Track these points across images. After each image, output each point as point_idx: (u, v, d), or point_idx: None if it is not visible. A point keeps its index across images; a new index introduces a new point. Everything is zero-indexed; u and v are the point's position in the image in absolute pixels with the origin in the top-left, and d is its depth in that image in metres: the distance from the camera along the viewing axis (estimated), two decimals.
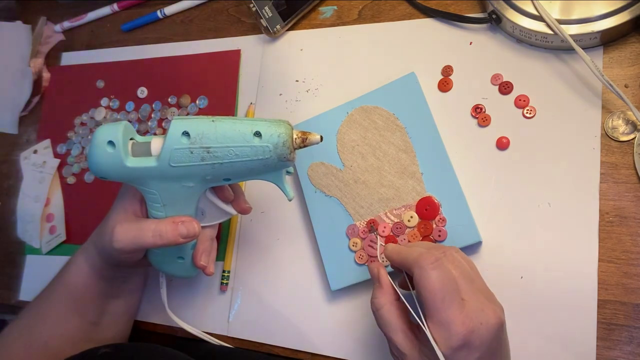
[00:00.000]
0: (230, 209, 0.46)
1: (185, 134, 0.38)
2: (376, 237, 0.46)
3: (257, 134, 0.38)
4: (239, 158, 0.39)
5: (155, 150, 0.40)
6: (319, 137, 0.40)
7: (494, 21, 0.48)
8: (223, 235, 0.56)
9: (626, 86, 0.44)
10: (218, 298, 0.54)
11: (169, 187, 0.41)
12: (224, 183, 0.42)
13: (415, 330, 0.37)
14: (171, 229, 0.41)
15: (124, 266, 0.47)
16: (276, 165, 0.40)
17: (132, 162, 0.40)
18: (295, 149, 0.40)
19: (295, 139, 0.39)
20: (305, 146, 0.40)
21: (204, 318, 0.54)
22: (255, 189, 0.56)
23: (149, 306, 0.57)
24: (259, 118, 0.41)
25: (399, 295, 0.38)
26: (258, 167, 0.40)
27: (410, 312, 0.36)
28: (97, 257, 0.46)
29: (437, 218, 0.45)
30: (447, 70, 0.50)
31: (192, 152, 0.39)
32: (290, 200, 0.43)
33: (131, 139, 0.42)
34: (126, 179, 0.42)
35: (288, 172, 0.44)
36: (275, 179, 0.42)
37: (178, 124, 0.39)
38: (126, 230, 0.42)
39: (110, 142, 0.40)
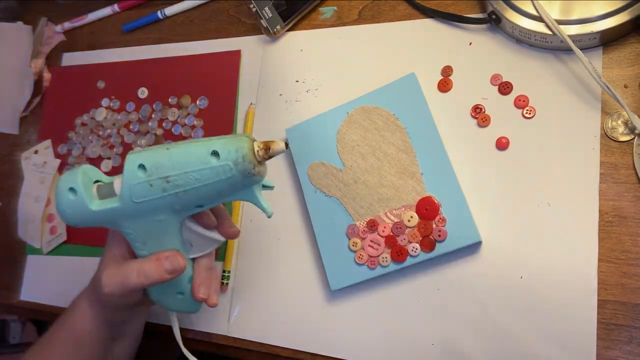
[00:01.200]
0: (216, 235, 0.44)
1: (141, 167, 0.37)
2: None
3: (215, 154, 0.36)
4: (201, 182, 0.37)
5: (118, 190, 0.40)
6: (282, 144, 0.37)
7: (494, 21, 0.48)
8: None
9: (626, 86, 0.44)
10: (218, 298, 0.54)
11: (142, 224, 0.40)
12: (197, 210, 0.40)
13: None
14: (155, 266, 0.41)
15: (126, 309, 0.46)
16: (244, 182, 0.37)
17: (97, 206, 0.40)
18: (260, 161, 0.37)
19: (258, 151, 0.37)
20: (270, 157, 0.37)
21: (205, 318, 0.54)
22: None
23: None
24: (219, 137, 0.38)
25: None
26: (225, 188, 0.37)
27: None
28: (98, 302, 0.45)
29: (437, 218, 0.45)
30: (446, 71, 0.50)
31: (151, 185, 0.37)
32: (269, 217, 0.40)
33: (97, 181, 0.41)
34: (98, 223, 0.41)
35: (266, 187, 0.42)
36: (249, 197, 0.39)
37: (132, 159, 0.38)
38: (112, 275, 0.41)
39: (72, 189, 0.39)
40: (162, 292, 0.45)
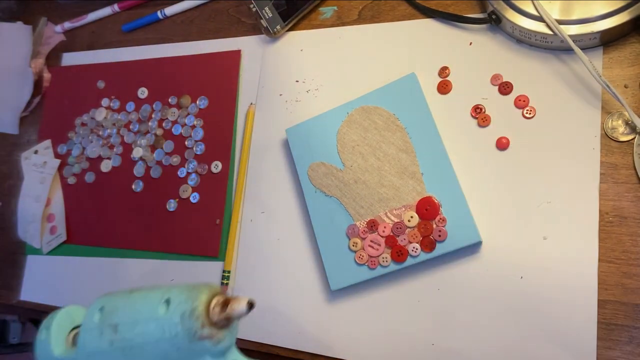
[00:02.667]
0: None
1: (101, 310, 0.32)
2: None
3: (167, 302, 0.29)
4: (144, 339, 0.29)
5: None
6: (244, 304, 0.28)
7: (494, 21, 0.48)
8: (223, 235, 0.56)
9: (626, 86, 0.44)
10: None
11: None
12: None
13: None
14: None
15: None
16: (190, 348, 0.28)
17: (60, 353, 0.34)
18: (214, 322, 0.29)
19: (213, 307, 0.29)
20: (227, 319, 0.29)
21: None
22: (254, 189, 0.56)
23: None
24: (179, 285, 0.31)
25: None
26: (172, 353, 0.29)
27: None
28: None
29: (437, 218, 0.45)
30: (446, 71, 0.50)
31: (101, 333, 0.31)
32: None
33: (77, 327, 0.35)
34: None
35: None
36: None
37: (100, 298, 0.33)
38: None
39: (45, 329, 0.35)
40: None
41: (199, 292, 0.29)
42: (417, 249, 0.45)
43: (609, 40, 0.44)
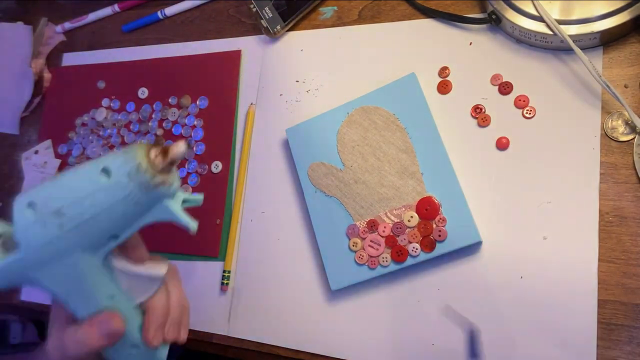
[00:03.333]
0: (153, 270, 0.37)
1: (30, 205, 0.32)
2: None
3: (105, 171, 0.31)
4: (98, 207, 0.31)
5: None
6: (182, 144, 0.32)
7: (494, 21, 0.48)
8: (223, 235, 0.56)
9: (626, 86, 0.44)
10: (219, 298, 0.54)
11: (55, 274, 0.34)
12: (114, 243, 0.34)
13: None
14: (89, 333, 0.35)
15: None
16: (148, 197, 0.32)
17: None
18: (160, 170, 0.31)
19: (154, 158, 0.31)
20: (172, 163, 0.32)
21: (205, 318, 0.54)
22: (254, 189, 0.56)
23: None
24: (114, 152, 0.33)
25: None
26: (129, 209, 0.32)
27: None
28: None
29: (437, 218, 0.45)
30: (446, 71, 0.50)
31: (45, 224, 0.31)
32: (193, 233, 0.35)
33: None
34: (9, 282, 0.35)
35: (187, 202, 0.36)
36: (164, 214, 0.33)
37: (19, 199, 0.32)
38: (55, 347, 0.37)
39: None
40: (114, 350, 0.38)
41: (134, 151, 0.31)
42: (417, 249, 0.45)
43: (609, 40, 0.44)
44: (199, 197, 0.37)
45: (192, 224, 0.34)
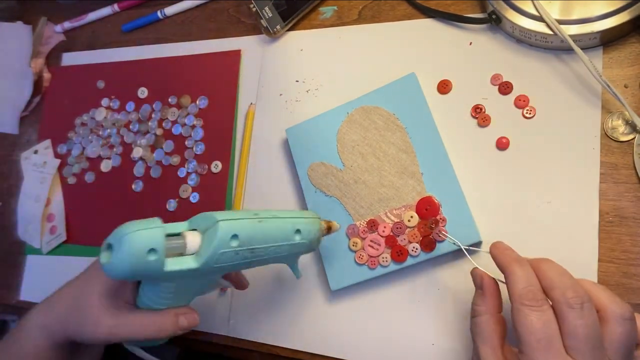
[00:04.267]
0: (224, 281, 0.43)
1: (234, 237, 0.36)
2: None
3: (298, 232, 0.40)
4: (277, 253, 0.39)
5: (192, 249, 0.36)
6: (339, 225, 0.45)
7: (494, 21, 0.48)
8: None
9: (626, 86, 0.44)
10: (219, 298, 0.54)
11: (195, 281, 0.39)
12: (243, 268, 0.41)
13: (507, 352, 0.34)
14: (172, 322, 0.38)
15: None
16: (301, 253, 0.42)
17: (171, 266, 0.35)
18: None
19: (323, 230, 0.42)
20: (327, 234, 0.43)
21: (205, 318, 0.54)
22: (254, 188, 0.56)
23: None
24: (294, 212, 0.42)
25: (501, 308, 0.37)
26: (287, 257, 0.41)
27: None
28: (63, 335, 0.40)
29: (437, 218, 0.45)
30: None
31: (237, 253, 0.37)
32: (298, 278, 0.45)
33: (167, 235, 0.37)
34: (149, 278, 0.37)
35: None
36: (291, 262, 0.43)
37: (227, 227, 0.36)
38: (121, 325, 0.38)
39: (153, 250, 0.34)
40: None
41: (319, 223, 0.42)
42: (417, 248, 0.45)
43: (609, 40, 0.44)
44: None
45: (300, 274, 0.45)
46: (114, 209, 0.64)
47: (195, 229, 0.38)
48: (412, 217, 0.46)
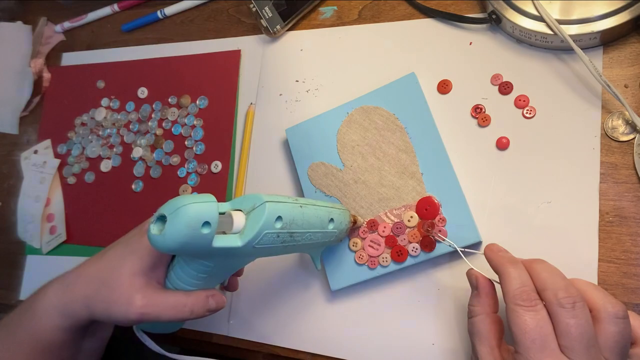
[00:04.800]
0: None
1: (279, 219, 0.37)
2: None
3: (331, 220, 0.41)
4: (310, 240, 0.40)
5: (237, 228, 0.37)
6: (363, 220, 0.47)
7: (494, 21, 0.48)
8: None
9: (626, 86, 0.44)
10: None
11: (230, 262, 0.39)
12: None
13: (505, 351, 0.35)
14: (203, 304, 0.39)
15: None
16: (328, 244, 0.44)
17: (218, 242, 0.35)
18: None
19: (351, 222, 0.45)
20: (353, 227, 0.46)
21: (205, 318, 0.54)
22: (254, 188, 0.56)
23: None
24: (329, 203, 0.43)
25: (497, 308, 0.37)
26: (316, 246, 0.42)
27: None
28: (86, 315, 0.40)
29: (437, 218, 0.45)
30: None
31: (278, 236, 0.37)
32: (317, 269, 0.47)
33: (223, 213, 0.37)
34: (194, 254, 0.37)
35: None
36: (316, 252, 0.45)
37: (273, 209, 0.36)
38: (153, 305, 0.37)
39: (207, 223, 0.34)
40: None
41: (349, 215, 0.45)
42: (417, 248, 0.45)
43: (609, 40, 0.44)
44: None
45: (319, 265, 0.47)
46: (114, 209, 0.64)
47: (238, 210, 0.38)
48: (412, 217, 0.46)
